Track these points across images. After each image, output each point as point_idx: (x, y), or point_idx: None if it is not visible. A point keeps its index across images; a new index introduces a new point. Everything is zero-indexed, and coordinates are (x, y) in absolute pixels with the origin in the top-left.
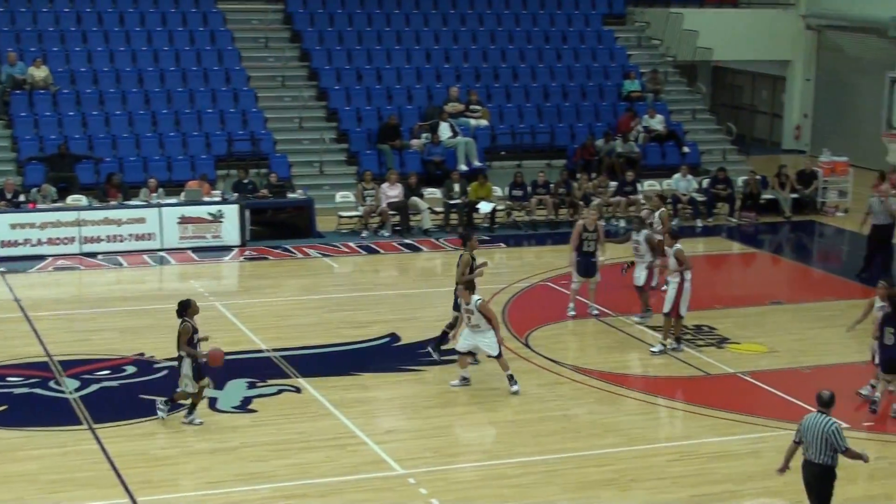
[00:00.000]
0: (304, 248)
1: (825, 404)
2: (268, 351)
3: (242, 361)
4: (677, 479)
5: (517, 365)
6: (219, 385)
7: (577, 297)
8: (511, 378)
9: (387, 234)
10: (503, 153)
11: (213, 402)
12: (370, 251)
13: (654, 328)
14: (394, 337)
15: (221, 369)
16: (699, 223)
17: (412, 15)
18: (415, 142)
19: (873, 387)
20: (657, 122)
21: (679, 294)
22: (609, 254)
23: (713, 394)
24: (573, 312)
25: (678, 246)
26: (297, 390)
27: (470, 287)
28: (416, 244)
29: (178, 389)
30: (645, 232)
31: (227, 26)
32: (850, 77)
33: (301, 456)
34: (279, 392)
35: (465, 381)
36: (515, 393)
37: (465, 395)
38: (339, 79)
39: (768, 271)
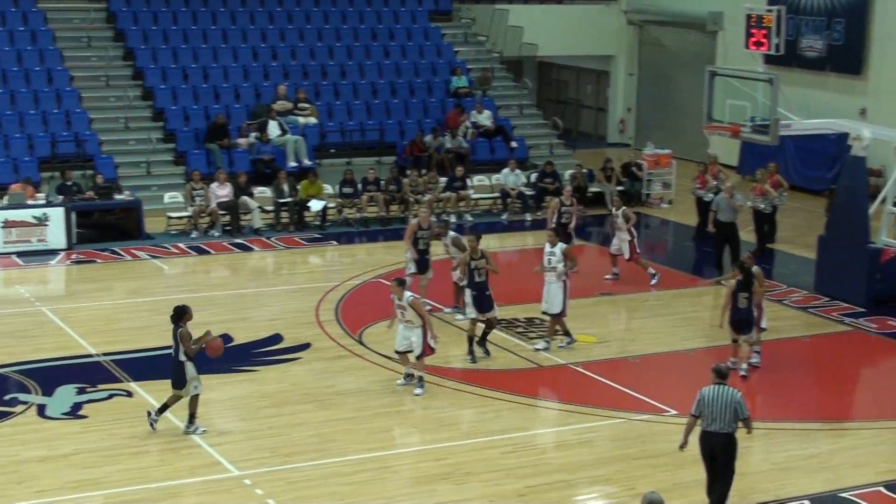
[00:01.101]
0: (132, 250)
1: (724, 376)
2: (98, 355)
3: (71, 367)
4: (512, 470)
5: (351, 362)
6: (48, 391)
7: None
8: (420, 380)
9: (217, 234)
10: (332, 151)
11: (42, 409)
12: (201, 252)
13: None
14: (226, 337)
15: (52, 376)
16: (528, 217)
17: (238, 13)
18: (243, 141)
19: (734, 363)
20: (485, 118)
21: (566, 293)
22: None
23: (546, 385)
24: None
25: (562, 244)
26: (129, 394)
27: (402, 284)
28: (246, 244)
29: (190, 395)
30: (452, 234)
31: (49, 25)
32: (671, 71)
33: (134, 461)
34: (110, 397)
35: (409, 378)
36: (417, 395)
37: (298, 393)
38: (165, 78)
39: (596, 263)
